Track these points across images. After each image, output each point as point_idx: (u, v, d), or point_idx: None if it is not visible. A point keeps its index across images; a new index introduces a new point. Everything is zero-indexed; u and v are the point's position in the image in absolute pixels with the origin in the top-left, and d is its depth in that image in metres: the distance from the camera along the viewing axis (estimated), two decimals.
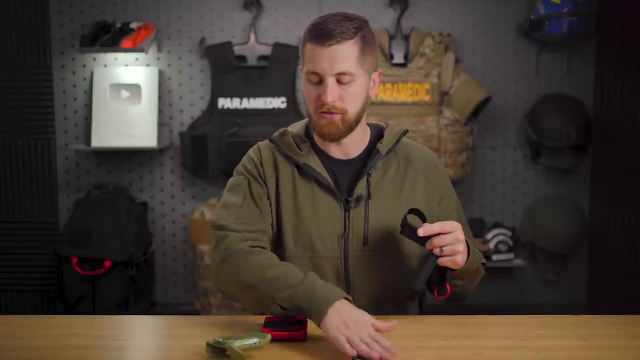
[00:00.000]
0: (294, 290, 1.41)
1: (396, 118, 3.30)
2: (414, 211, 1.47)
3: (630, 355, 1.34)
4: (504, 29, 3.56)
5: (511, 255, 3.48)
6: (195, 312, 3.37)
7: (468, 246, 1.48)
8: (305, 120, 1.68)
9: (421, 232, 1.41)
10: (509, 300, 3.59)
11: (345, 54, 1.48)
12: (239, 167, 1.64)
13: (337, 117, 1.52)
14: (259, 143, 1.67)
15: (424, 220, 1.47)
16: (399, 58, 3.40)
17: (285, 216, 1.58)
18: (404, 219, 1.46)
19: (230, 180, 1.64)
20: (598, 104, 3.53)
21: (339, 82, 1.50)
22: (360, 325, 1.33)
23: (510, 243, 3.47)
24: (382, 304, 1.58)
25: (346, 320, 1.34)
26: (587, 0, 3.33)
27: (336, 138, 1.55)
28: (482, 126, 3.53)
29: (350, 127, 1.55)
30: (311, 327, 1.42)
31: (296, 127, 1.65)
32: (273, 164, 1.60)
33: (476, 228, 3.51)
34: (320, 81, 1.50)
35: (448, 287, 1.47)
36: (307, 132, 1.64)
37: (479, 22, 3.56)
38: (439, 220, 1.58)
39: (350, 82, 1.50)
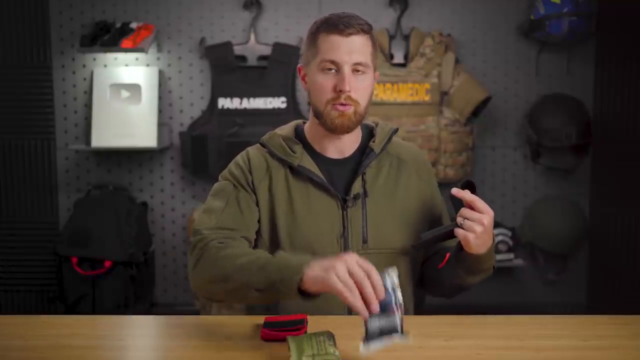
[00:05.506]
0: (266, 267, 1.34)
1: (396, 118, 3.31)
2: (467, 184, 1.48)
3: (630, 355, 1.34)
4: (504, 29, 3.56)
5: (511, 255, 3.48)
6: (195, 312, 3.37)
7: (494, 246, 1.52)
8: (294, 122, 1.68)
9: (454, 190, 1.45)
10: (509, 300, 3.59)
11: (362, 46, 1.52)
12: (225, 172, 1.63)
13: (351, 109, 1.53)
14: (248, 148, 1.66)
15: (474, 190, 1.48)
16: (399, 58, 3.40)
17: (280, 220, 1.57)
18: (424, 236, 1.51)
19: (215, 185, 1.62)
20: (598, 104, 3.53)
21: (354, 73, 1.52)
22: (344, 260, 1.24)
23: (510, 243, 3.47)
24: None
25: (327, 264, 1.25)
26: (587, 0, 3.33)
27: (347, 130, 1.56)
28: (482, 126, 3.53)
29: (359, 120, 1.56)
30: (311, 327, 1.42)
31: (285, 130, 1.65)
32: (265, 169, 1.60)
33: None
34: (336, 71, 1.52)
35: (447, 257, 1.54)
36: (297, 134, 1.64)
37: (479, 22, 3.56)
38: (432, 216, 1.63)
39: (364, 74, 1.53)
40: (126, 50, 3.36)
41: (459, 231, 1.44)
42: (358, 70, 1.52)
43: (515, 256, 3.50)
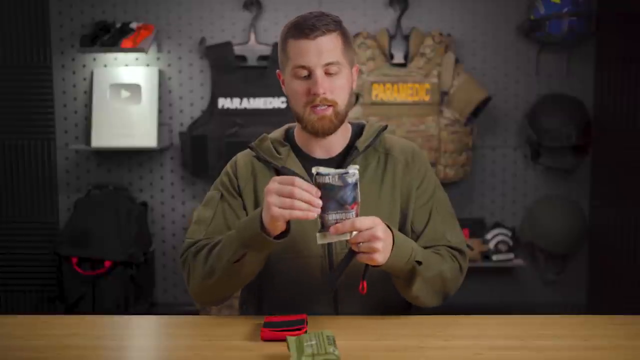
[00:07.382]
0: (232, 238, 1.45)
1: (396, 118, 3.31)
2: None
3: (630, 355, 1.34)
4: (504, 29, 3.56)
5: (511, 255, 3.48)
6: (195, 312, 3.37)
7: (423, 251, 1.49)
8: (286, 125, 1.71)
9: (332, 230, 1.37)
10: (509, 300, 3.59)
11: (331, 45, 1.52)
12: (216, 181, 1.68)
13: (330, 111, 1.54)
14: (238, 154, 1.69)
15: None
16: (399, 58, 3.40)
17: None
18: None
19: (207, 194, 1.67)
20: (598, 104, 3.53)
21: (327, 73, 1.52)
22: (268, 189, 1.38)
23: (510, 243, 3.47)
24: (369, 300, 1.58)
25: (264, 203, 1.39)
26: (587, 0, 3.33)
27: (329, 132, 1.57)
28: (482, 126, 3.53)
29: (341, 120, 1.57)
30: (311, 327, 1.42)
31: (276, 133, 1.68)
32: (250, 172, 1.62)
33: (476, 228, 3.51)
34: (309, 75, 1.53)
35: (364, 284, 1.43)
36: (287, 136, 1.66)
37: (479, 22, 3.56)
38: (415, 205, 1.61)
39: (337, 72, 1.53)
40: (126, 50, 3.36)
41: (362, 257, 1.40)
42: (331, 72, 1.52)
43: (515, 256, 3.50)
